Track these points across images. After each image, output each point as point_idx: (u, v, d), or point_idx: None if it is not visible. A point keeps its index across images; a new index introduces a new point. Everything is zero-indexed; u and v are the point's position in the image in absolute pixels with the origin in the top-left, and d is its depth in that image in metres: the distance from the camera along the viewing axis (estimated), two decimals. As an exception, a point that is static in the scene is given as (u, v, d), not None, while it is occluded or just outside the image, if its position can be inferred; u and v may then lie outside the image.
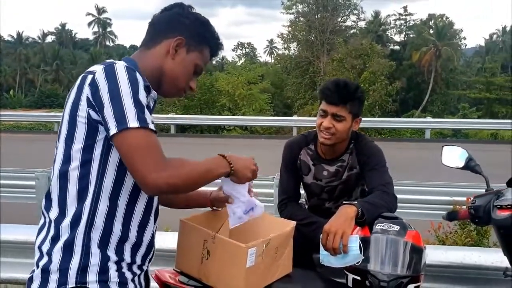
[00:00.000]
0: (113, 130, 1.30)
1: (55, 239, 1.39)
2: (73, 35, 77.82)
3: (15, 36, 69.40)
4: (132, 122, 1.30)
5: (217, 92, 27.51)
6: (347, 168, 2.33)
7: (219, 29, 1.62)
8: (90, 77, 1.37)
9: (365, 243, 1.80)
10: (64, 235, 1.38)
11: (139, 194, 1.45)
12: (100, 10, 70.05)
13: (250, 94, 27.62)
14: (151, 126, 1.35)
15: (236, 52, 60.97)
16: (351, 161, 2.33)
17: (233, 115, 24.16)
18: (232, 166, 1.51)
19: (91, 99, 1.34)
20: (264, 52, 65.45)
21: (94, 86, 1.34)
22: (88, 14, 70.75)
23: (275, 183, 4.73)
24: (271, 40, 60.46)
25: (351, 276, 1.80)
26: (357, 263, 1.76)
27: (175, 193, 1.61)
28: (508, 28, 56.47)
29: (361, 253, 1.75)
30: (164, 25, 1.54)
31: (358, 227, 1.90)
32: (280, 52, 42.70)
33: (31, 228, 2.72)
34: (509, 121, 18.39)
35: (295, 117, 18.59)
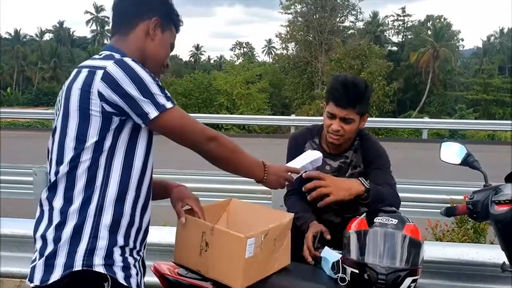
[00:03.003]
0: (153, 113, 1.40)
1: (60, 225, 1.41)
2: (71, 33, 77.66)
3: (12, 34, 69.16)
4: (168, 104, 1.43)
5: (215, 91, 27.51)
6: (351, 166, 2.32)
7: (217, 28, 1.65)
8: (100, 72, 1.40)
9: (363, 236, 1.81)
10: (72, 221, 1.40)
11: (144, 177, 1.50)
12: (98, 9, 69.96)
13: (248, 94, 27.62)
14: (175, 106, 1.47)
15: (234, 51, 60.88)
16: (355, 158, 2.32)
17: (231, 114, 24.15)
18: (266, 177, 1.70)
19: (105, 93, 1.38)
20: (262, 51, 65.66)
21: (109, 80, 1.38)
22: (86, 12, 70.69)
23: (273, 180, 4.72)
24: (269, 39, 60.68)
25: (349, 270, 1.81)
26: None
27: (218, 161, 1.63)
28: (505, 30, 56.65)
29: (333, 271, 1.85)
30: (135, 8, 1.55)
31: (356, 220, 1.91)
32: (278, 52, 42.74)
33: (30, 222, 2.71)
34: (506, 122, 18.45)
35: (293, 117, 18.60)
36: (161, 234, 2.67)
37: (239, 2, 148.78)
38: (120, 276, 1.43)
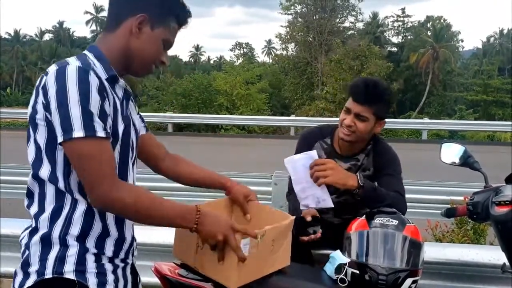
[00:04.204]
0: (59, 138, 1.29)
1: (33, 232, 1.39)
2: (70, 33, 77.68)
3: (12, 34, 69.21)
4: (78, 131, 1.27)
5: (215, 91, 27.48)
6: (360, 168, 2.32)
7: (217, 29, 1.59)
8: (44, 79, 1.34)
9: (363, 237, 1.81)
10: (43, 229, 1.38)
11: None
12: (98, 9, 69.94)
13: (248, 94, 27.61)
14: (100, 133, 1.30)
15: (234, 52, 60.96)
16: (366, 162, 2.32)
17: (231, 114, 24.13)
18: (196, 226, 1.43)
19: (44, 102, 1.31)
20: (262, 52, 65.65)
21: (45, 89, 1.31)
22: (86, 12, 70.72)
23: (273, 181, 4.73)
24: (269, 40, 60.75)
25: (350, 270, 1.81)
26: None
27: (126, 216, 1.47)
28: (505, 31, 56.70)
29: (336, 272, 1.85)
30: (124, 4, 1.47)
31: (356, 221, 1.92)
32: (278, 52, 42.74)
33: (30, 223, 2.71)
34: (506, 123, 18.46)
35: (292, 117, 18.61)
36: (162, 234, 2.67)
37: (239, 2, 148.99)
38: (92, 282, 1.38)
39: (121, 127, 1.41)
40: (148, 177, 4.10)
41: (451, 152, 2.22)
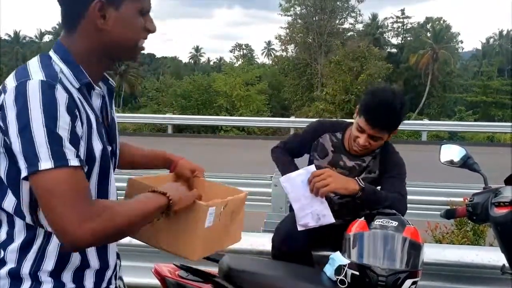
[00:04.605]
0: (23, 172, 1.04)
1: (1, 263, 1.17)
2: (70, 34, 77.67)
3: (12, 35, 69.25)
4: (45, 162, 1.02)
5: (214, 93, 27.54)
6: (366, 170, 2.33)
7: (216, 30, 1.46)
8: (1, 98, 1.09)
9: (363, 238, 1.81)
10: (11, 263, 1.16)
11: None
12: (98, 10, 70.02)
13: (247, 95, 27.66)
14: (73, 162, 1.05)
15: (234, 53, 61.04)
16: (372, 165, 2.33)
17: (231, 115, 24.16)
18: (169, 195, 1.24)
19: (2, 126, 1.07)
20: (262, 53, 65.61)
21: (3, 112, 1.07)
22: (86, 13, 70.71)
23: (273, 182, 4.74)
24: (269, 41, 60.73)
25: (349, 272, 1.82)
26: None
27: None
28: (505, 32, 56.77)
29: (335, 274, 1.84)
30: None
31: (356, 222, 1.92)
32: (277, 53, 42.90)
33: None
34: (505, 124, 18.47)
35: (292, 118, 18.62)
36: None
37: (238, 3, 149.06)
38: None
39: (98, 147, 1.18)
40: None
41: (451, 153, 2.23)
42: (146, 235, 1.46)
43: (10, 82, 1.10)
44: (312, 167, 2.09)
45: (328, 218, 2.06)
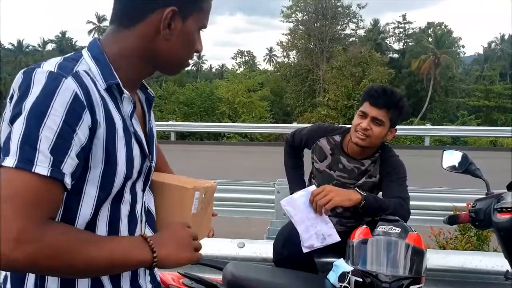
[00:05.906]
0: None
1: (3, 282, 1.07)
2: (73, 43, 77.97)
3: (15, 44, 69.66)
4: (10, 158, 0.89)
5: (217, 99, 27.64)
6: (366, 174, 2.33)
7: (218, 37, 1.35)
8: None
9: (366, 245, 1.82)
10: (13, 280, 1.05)
11: (95, 232, 1.06)
12: (101, 18, 70.34)
13: (249, 102, 27.75)
14: (39, 169, 0.89)
15: (236, 60, 61.07)
16: (372, 169, 2.33)
17: (233, 122, 24.21)
18: (156, 255, 1.02)
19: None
20: (264, 60, 65.66)
21: (11, 97, 0.98)
22: (89, 22, 71.03)
23: (276, 189, 4.74)
24: (271, 48, 60.72)
25: (353, 278, 1.82)
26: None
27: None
28: (506, 37, 56.76)
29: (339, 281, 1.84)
30: None
31: (359, 229, 1.92)
32: (279, 60, 43.00)
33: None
34: (508, 128, 18.41)
35: (294, 124, 18.62)
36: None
37: (240, 10, 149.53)
38: None
39: (121, 154, 1.05)
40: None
41: (453, 159, 2.23)
42: None
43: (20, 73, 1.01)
44: (312, 187, 2.10)
45: (334, 236, 2.06)
